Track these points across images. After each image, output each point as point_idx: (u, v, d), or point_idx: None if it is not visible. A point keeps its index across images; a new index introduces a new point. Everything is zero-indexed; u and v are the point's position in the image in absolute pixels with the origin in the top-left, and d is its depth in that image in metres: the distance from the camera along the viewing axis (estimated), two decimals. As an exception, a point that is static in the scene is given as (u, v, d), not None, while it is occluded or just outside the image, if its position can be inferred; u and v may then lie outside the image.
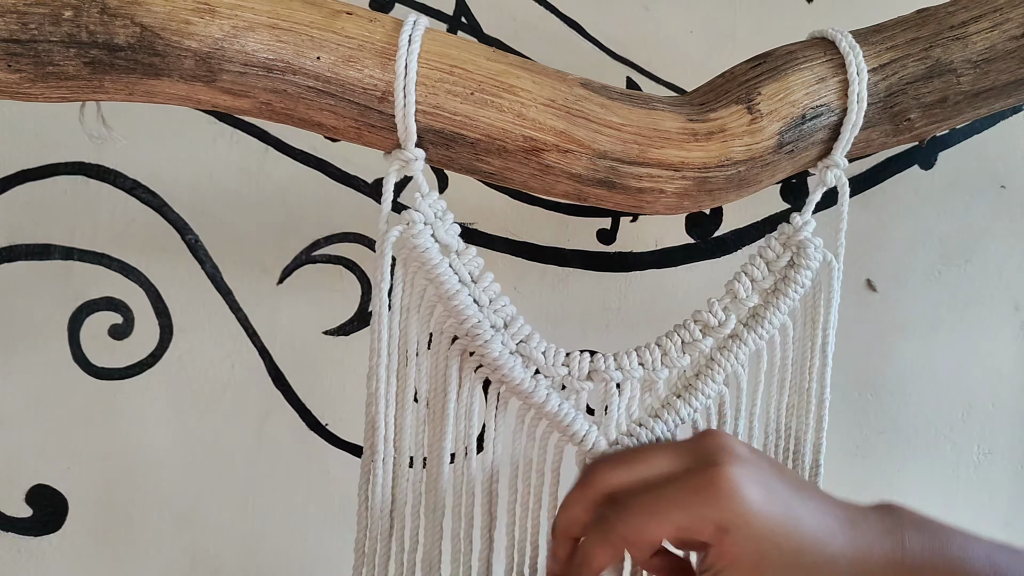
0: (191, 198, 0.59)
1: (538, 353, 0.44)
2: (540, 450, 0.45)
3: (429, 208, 0.42)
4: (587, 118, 0.42)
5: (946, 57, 0.44)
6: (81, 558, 0.60)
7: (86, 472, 0.60)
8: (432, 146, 0.42)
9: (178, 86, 0.40)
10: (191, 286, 0.60)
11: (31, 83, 0.38)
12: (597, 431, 0.44)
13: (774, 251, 0.46)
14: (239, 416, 0.61)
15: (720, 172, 0.44)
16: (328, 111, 0.41)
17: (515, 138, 0.42)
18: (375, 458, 0.44)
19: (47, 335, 0.59)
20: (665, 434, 0.45)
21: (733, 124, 0.43)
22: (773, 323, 0.46)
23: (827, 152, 0.46)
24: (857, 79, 0.43)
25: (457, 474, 0.45)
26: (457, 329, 0.43)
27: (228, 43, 0.39)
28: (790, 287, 0.45)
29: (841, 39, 0.44)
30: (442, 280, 0.42)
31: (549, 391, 0.44)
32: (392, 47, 0.40)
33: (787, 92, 0.43)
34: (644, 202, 0.45)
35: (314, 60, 0.39)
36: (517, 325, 0.44)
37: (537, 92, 0.42)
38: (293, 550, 0.61)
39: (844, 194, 0.46)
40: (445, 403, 0.44)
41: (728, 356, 0.45)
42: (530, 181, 0.44)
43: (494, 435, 0.45)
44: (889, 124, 0.45)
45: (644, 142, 0.43)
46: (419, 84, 0.40)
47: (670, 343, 0.45)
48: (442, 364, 0.44)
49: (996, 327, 0.63)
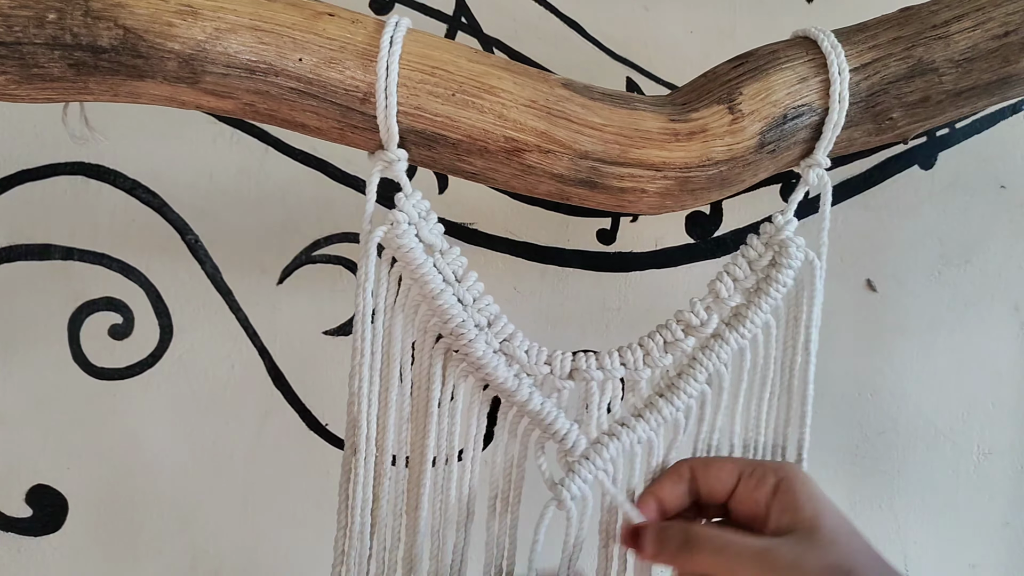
0: (191, 198, 0.59)
1: (521, 352, 0.44)
2: (522, 447, 0.46)
3: (413, 208, 0.43)
4: (568, 118, 0.42)
5: (928, 56, 0.44)
6: (81, 558, 0.60)
7: (86, 472, 0.60)
8: (414, 147, 0.42)
9: (162, 87, 0.40)
10: (191, 286, 0.60)
11: (17, 84, 0.38)
12: (578, 429, 0.45)
13: (756, 250, 0.46)
14: (239, 416, 0.61)
15: (702, 172, 0.44)
16: (311, 112, 0.41)
17: (496, 139, 0.42)
18: (356, 456, 0.44)
19: (47, 335, 0.59)
20: (647, 434, 0.46)
21: (714, 124, 0.43)
22: (756, 322, 0.46)
23: (809, 151, 0.46)
24: (839, 79, 0.43)
25: (438, 471, 0.45)
26: (441, 328, 0.43)
27: (210, 45, 0.39)
28: (772, 286, 0.46)
29: (823, 38, 0.44)
30: (426, 279, 0.43)
31: (532, 390, 0.44)
32: (374, 48, 0.40)
33: (769, 92, 0.43)
34: (626, 202, 0.45)
35: (296, 62, 0.40)
36: (500, 324, 0.44)
37: (518, 93, 0.42)
38: (293, 550, 0.61)
39: (826, 193, 0.46)
40: (428, 401, 0.44)
41: (710, 355, 0.46)
42: (512, 181, 0.44)
43: (475, 433, 0.45)
44: (871, 123, 0.45)
45: (625, 142, 0.43)
46: (401, 85, 0.40)
47: (652, 343, 0.46)
48: (426, 362, 0.44)
49: (996, 327, 0.63)
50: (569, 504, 0.45)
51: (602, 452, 0.45)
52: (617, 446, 0.45)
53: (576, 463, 0.45)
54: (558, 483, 0.45)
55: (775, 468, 0.44)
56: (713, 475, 0.45)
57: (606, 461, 0.45)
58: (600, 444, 0.45)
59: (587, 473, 0.45)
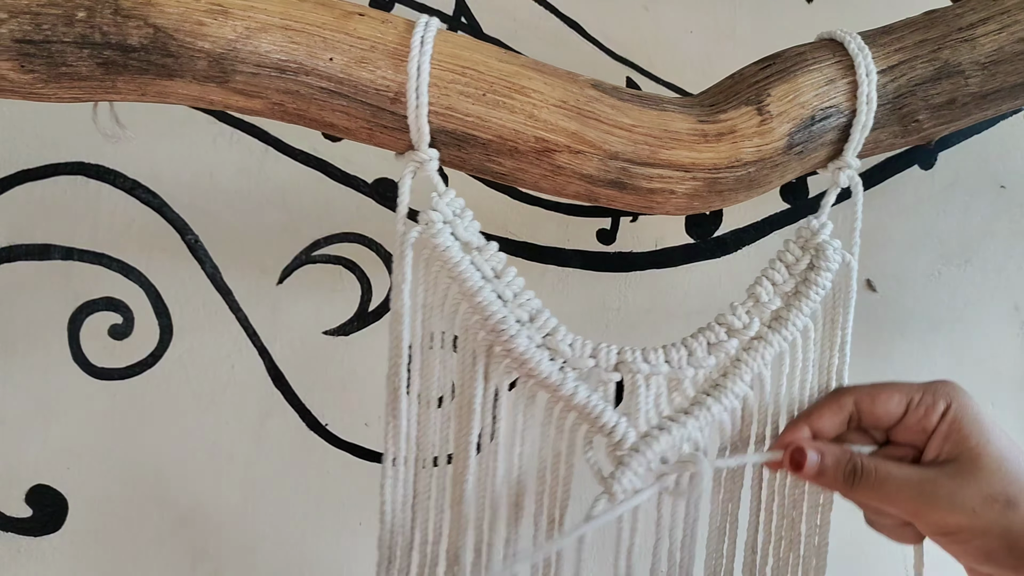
0: (191, 198, 0.59)
1: (564, 345, 0.44)
2: (569, 442, 0.45)
3: (447, 207, 0.43)
4: (598, 119, 0.42)
5: (954, 59, 0.44)
6: (81, 558, 0.60)
7: (86, 472, 0.60)
8: (444, 147, 0.42)
9: (191, 87, 0.40)
10: (191, 286, 0.60)
11: (44, 83, 0.38)
12: (627, 422, 0.44)
13: (793, 255, 0.46)
14: (239, 416, 0.61)
15: (730, 173, 0.44)
16: (340, 112, 0.41)
17: (527, 139, 0.42)
18: (396, 456, 0.44)
19: (47, 335, 0.59)
20: (695, 431, 0.45)
21: (743, 125, 0.43)
22: (796, 324, 0.46)
23: (836, 153, 0.46)
24: (866, 80, 0.43)
25: (483, 467, 0.45)
26: (482, 325, 0.43)
27: (241, 44, 0.39)
28: (811, 289, 0.46)
29: (850, 41, 0.44)
30: (465, 277, 0.42)
31: (577, 383, 0.43)
32: (404, 48, 0.40)
33: (797, 93, 0.44)
34: (655, 203, 0.45)
35: (327, 61, 0.40)
36: (543, 318, 0.44)
37: (549, 93, 0.42)
38: (293, 550, 0.61)
39: (858, 194, 0.47)
40: (472, 399, 0.44)
41: (755, 356, 0.46)
42: (542, 182, 0.44)
43: (521, 428, 0.45)
44: (898, 125, 0.46)
45: (655, 143, 0.43)
46: (431, 85, 0.40)
47: (696, 344, 0.45)
48: (468, 360, 0.44)
49: (996, 327, 0.63)
50: (620, 497, 0.43)
51: (652, 445, 0.43)
52: (668, 440, 0.44)
53: (626, 456, 0.44)
54: (608, 477, 0.44)
55: (944, 394, 0.43)
56: (881, 406, 0.44)
57: (656, 454, 0.44)
58: (651, 437, 0.44)
59: (637, 466, 0.44)
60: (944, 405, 0.43)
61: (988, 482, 0.40)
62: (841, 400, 0.45)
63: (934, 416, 0.43)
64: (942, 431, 0.42)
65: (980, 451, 0.41)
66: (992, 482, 0.40)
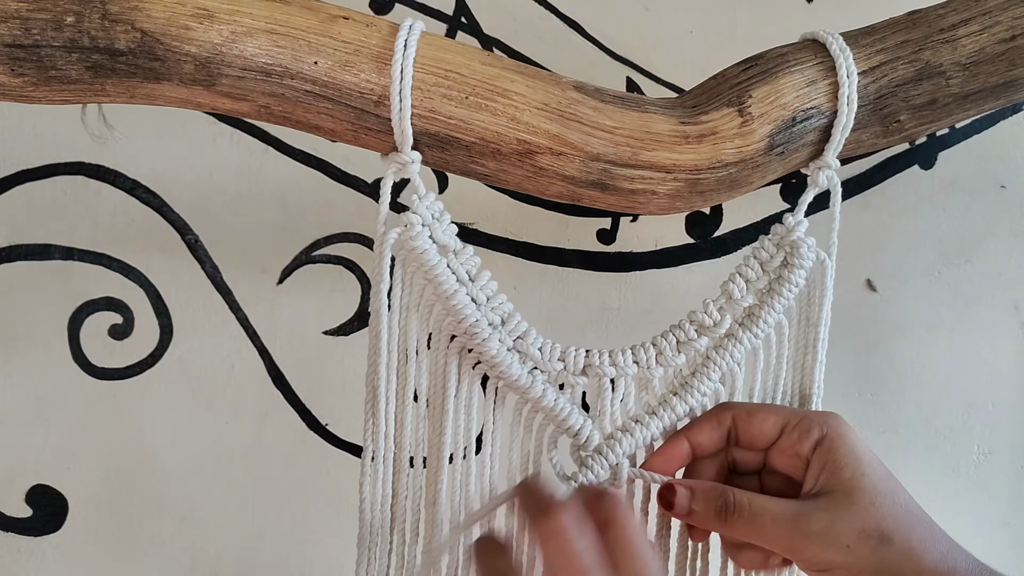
0: (191, 198, 0.59)
1: (534, 349, 0.45)
2: (537, 442, 0.46)
3: (427, 210, 0.43)
4: (580, 121, 0.43)
5: (935, 60, 0.44)
6: (81, 558, 0.60)
7: (86, 472, 0.60)
8: (428, 149, 0.43)
9: (178, 90, 0.40)
10: (191, 286, 0.60)
11: (34, 87, 0.39)
12: (592, 424, 0.45)
13: (767, 251, 0.47)
14: (239, 416, 0.61)
15: (711, 174, 0.44)
16: (325, 114, 0.41)
17: (509, 141, 0.42)
18: (376, 455, 0.44)
19: (47, 335, 0.59)
20: (660, 431, 0.46)
21: (724, 127, 0.43)
22: (768, 322, 0.46)
23: (817, 153, 0.46)
24: (847, 82, 0.43)
25: (456, 468, 0.45)
26: (456, 327, 0.44)
27: (227, 48, 0.39)
28: (784, 286, 0.46)
29: (832, 41, 0.44)
30: (440, 280, 0.43)
31: (545, 386, 0.45)
32: (388, 52, 0.40)
33: (778, 95, 0.44)
34: (636, 203, 0.45)
35: (311, 65, 0.40)
36: (514, 322, 0.45)
37: (531, 96, 0.42)
38: (293, 550, 0.61)
39: (836, 194, 0.47)
40: (444, 399, 0.45)
41: (724, 355, 0.46)
42: (524, 183, 0.44)
43: (492, 429, 0.46)
44: (879, 126, 0.46)
45: (636, 144, 0.43)
46: (415, 88, 0.41)
47: (665, 342, 0.46)
48: (441, 361, 0.45)
49: (996, 327, 0.63)
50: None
51: (615, 447, 0.45)
52: (631, 441, 0.46)
53: (589, 458, 0.45)
54: (570, 477, 0.45)
55: (820, 422, 0.42)
56: (756, 425, 0.44)
57: (619, 456, 0.45)
58: (613, 439, 0.46)
59: (599, 468, 0.45)
60: (819, 434, 0.42)
61: (862, 517, 0.39)
62: (721, 415, 0.45)
63: (807, 443, 0.42)
64: (818, 462, 0.42)
65: (855, 484, 0.40)
66: (866, 517, 0.39)
